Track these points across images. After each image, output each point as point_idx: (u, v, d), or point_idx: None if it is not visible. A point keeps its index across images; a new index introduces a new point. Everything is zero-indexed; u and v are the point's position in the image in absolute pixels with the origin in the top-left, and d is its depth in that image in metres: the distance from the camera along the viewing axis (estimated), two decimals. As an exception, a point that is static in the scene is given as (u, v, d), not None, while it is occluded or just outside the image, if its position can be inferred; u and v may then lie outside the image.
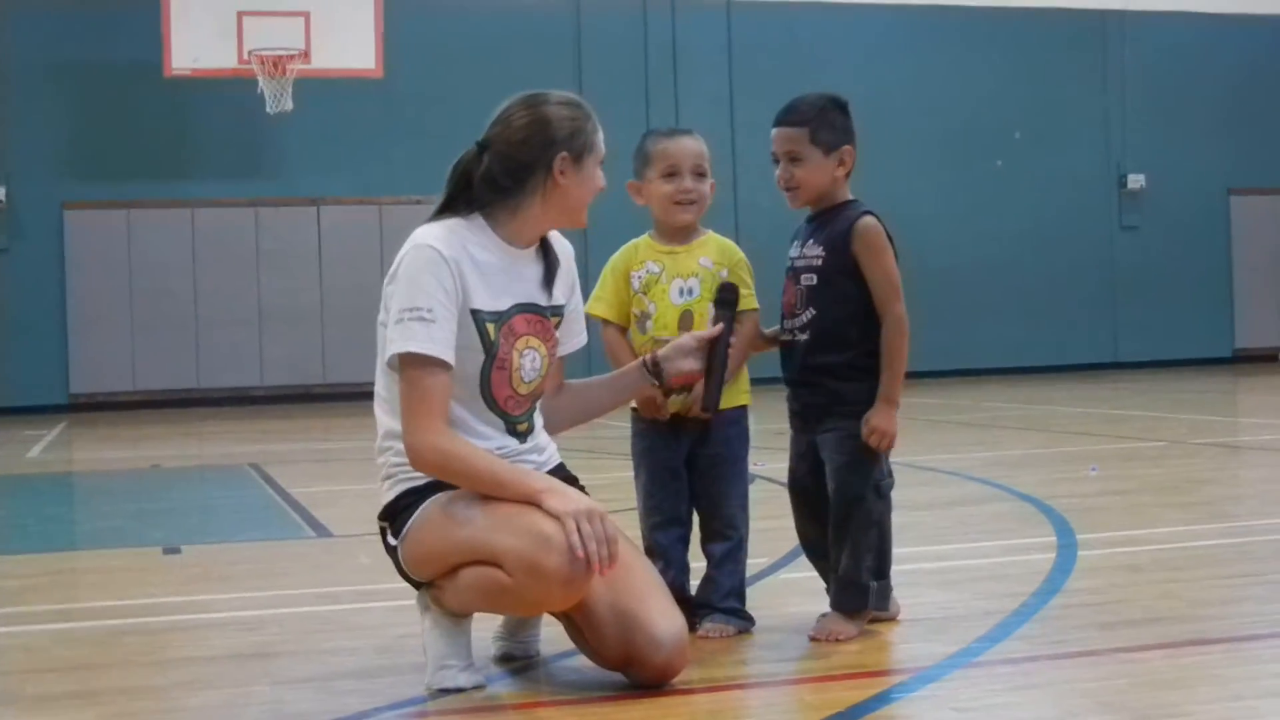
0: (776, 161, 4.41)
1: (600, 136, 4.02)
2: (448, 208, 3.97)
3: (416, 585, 3.92)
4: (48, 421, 17.86)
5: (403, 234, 3.98)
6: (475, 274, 3.87)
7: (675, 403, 4.40)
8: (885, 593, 4.39)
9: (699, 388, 4.33)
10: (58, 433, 16.13)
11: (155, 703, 3.86)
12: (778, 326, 4.48)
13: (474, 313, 3.85)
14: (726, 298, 4.32)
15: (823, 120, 4.36)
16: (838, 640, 4.22)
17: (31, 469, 11.94)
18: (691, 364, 4.24)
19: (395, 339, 3.77)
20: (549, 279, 4.04)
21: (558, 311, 4.06)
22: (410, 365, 3.76)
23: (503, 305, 3.91)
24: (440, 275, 3.80)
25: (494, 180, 3.94)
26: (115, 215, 20.38)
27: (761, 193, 18.87)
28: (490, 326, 3.88)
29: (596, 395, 4.31)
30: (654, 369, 4.23)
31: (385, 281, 3.87)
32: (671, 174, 4.45)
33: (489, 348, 3.87)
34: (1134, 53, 23.54)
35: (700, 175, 4.47)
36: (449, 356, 3.77)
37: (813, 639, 4.25)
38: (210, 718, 3.71)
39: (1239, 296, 24.16)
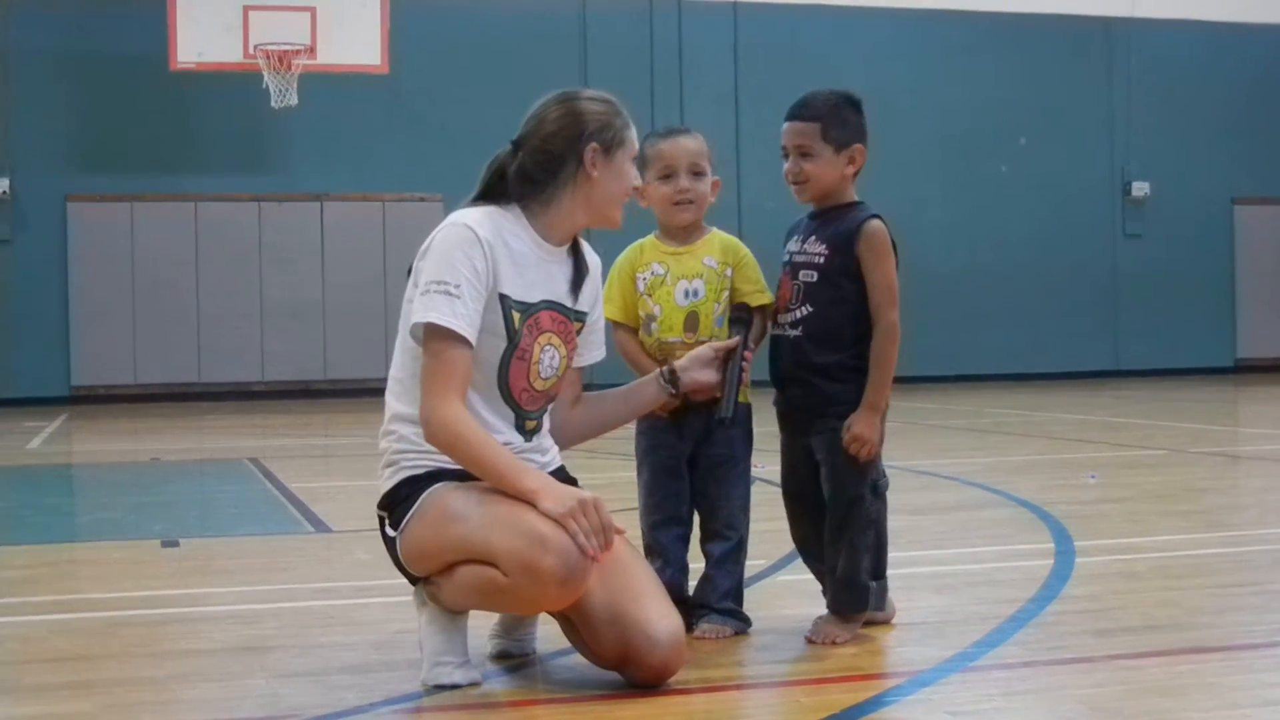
0: (786, 156, 4.40)
1: (633, 133, 4.05)
2: (482, 200, 3.99)
3: (413, 580, 3.92)
4: (49, 413, 17.86)
5: (405, 230, 4.01)
6: (509, 260, 3.90)
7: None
8: (882, 593, 4.40)
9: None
10: (58, 425, 16.13)
11: (152, 694, 3.86)
12: None
13: (502, 297, 3.88)
14: (741, 316, 4.37)
15: (835, 116, 4.35)
16: (834, 643, 4.22)
17: (32, 460, 11.95)
18: (709, 374, 4.28)
19: (418, 309, 3.79)
20: (577, 283, 4.06)
21: (580, 317, 4.09)
22: (431, 337, 3.78)
23: (532, 298, 3.93)
24: (472, 254, 3.82)
25: (527, 174, 3.97)
26: (119, 209, 20.38)
27: (766, 194, 18.87)
28: (516, 315, 3.90)
29: (612, 408, 4.34)
30: (670, 378, 4.26)
31: (416, 258, 3.89)
32: (668, 175, 4.44)
33: (512, 335, 3.89)
34: (1139, 60, 23.53)
35: (698, 174, 4.45)
36: (470, 334, 3.79)
37: (809, 641, 4.26)
38: (206, 710, 3.71)
39: (1242, 306, 24.16)
